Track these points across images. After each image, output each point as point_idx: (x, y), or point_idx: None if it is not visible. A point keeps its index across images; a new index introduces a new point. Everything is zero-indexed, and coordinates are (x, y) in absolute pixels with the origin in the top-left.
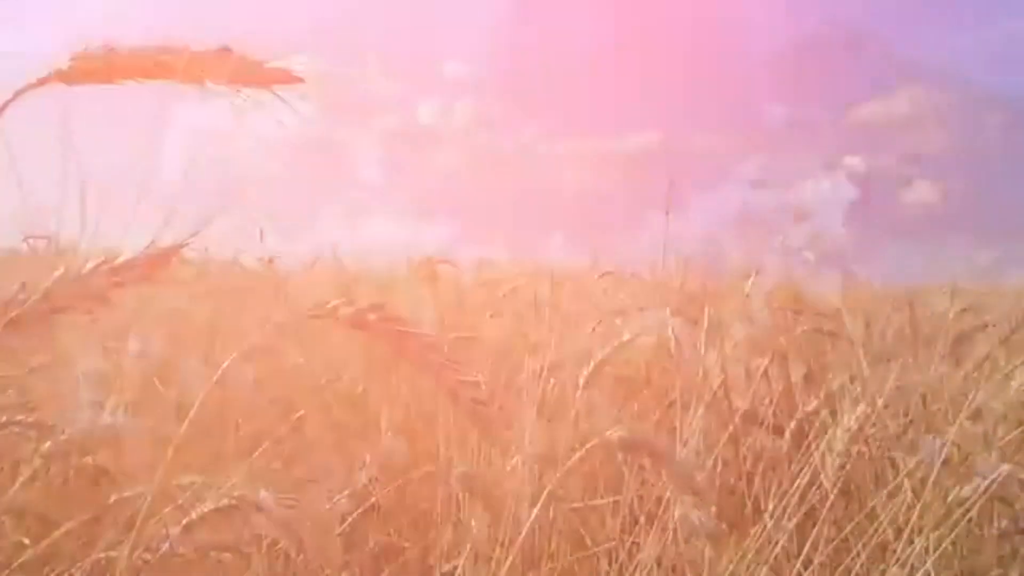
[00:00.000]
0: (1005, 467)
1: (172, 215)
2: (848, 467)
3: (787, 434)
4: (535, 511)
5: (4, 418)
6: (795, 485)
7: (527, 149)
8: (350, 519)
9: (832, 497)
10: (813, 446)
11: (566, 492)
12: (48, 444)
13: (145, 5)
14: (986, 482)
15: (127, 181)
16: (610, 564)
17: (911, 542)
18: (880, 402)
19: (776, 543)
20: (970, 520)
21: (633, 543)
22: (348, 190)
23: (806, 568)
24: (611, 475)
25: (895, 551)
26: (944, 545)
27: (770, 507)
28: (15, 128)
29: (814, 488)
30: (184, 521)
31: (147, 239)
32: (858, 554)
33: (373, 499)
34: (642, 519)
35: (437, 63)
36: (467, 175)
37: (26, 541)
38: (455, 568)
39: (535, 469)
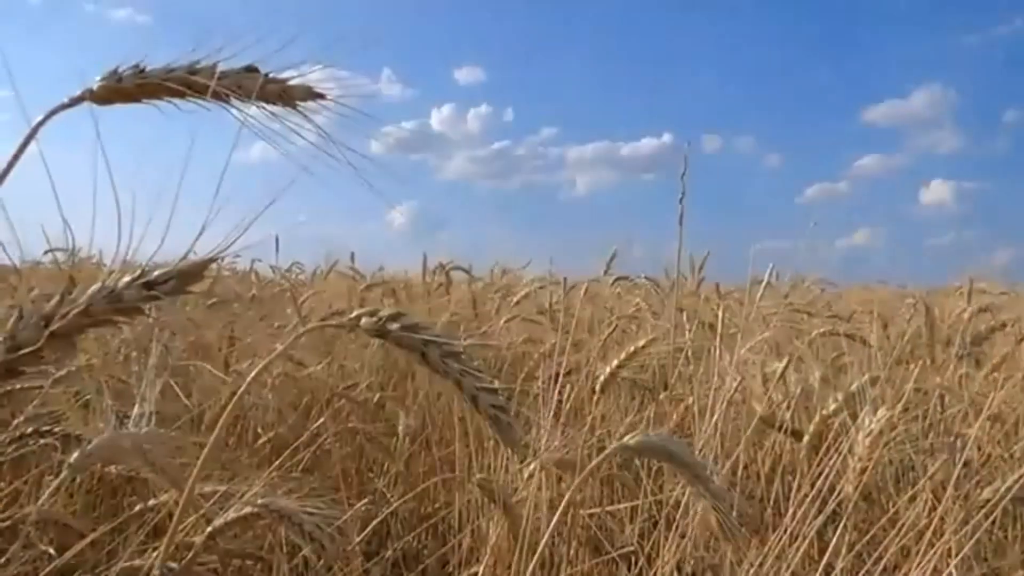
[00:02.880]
0: None
1: (203, 229)
2: (869, 471)
3: (806, 438)
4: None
5: (29, 429)
6: (815, 489)
7: (538, 153)
8: (370, 526)
9: (853, 501)
10: (833, 449)
11: (584, 498)
12: (74, 455)
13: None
14: (1007, 484)
15: (159, 196)
16: (629, 569)
17: (932, 545)
18: (899, 405)
19: (797, 548)
20: (992, 522)
21: (652, 548)
22: (363, 198)
23: (828, 573)
24: (629, 480)
25: (917, 554)
26: (966, 548)
27: (790, 511)
28: (49, 148)
29: (835, 492)
30: (208, 529)
31: (179, 252)
32: (880, 558)
33: (393, 506)
34: (661, 524)
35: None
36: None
37: (52, 551)
38: (474, 574)
39: (553, 475)
